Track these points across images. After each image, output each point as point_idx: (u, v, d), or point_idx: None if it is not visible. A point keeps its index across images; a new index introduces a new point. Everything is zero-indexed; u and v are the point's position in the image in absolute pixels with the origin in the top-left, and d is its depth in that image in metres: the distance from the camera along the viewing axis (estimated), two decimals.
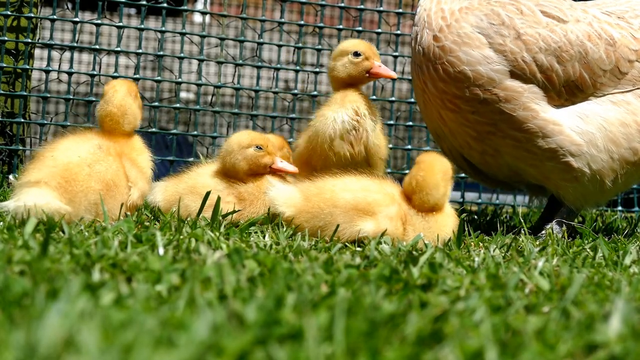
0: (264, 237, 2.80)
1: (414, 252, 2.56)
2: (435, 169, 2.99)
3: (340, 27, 4.77)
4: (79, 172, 2.86)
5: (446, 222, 2.99)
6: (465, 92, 3.23)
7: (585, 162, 3.25)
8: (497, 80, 3.21)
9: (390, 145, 3.61)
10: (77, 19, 4.35)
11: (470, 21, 3.27)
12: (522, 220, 3.59)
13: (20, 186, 2.81)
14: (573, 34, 3.28)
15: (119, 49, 4.43)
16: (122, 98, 3.06)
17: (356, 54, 3.32)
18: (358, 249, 2.75)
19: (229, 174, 3.23)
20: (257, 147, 3.19)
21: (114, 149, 3.00)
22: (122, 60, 6.35)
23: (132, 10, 9.55)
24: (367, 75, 3.33)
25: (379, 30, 4.84)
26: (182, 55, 4.53)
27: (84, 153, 2.92)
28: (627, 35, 3.37)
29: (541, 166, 3.29)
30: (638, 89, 3.35)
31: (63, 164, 2.86)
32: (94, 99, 4.40)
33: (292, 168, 3.24)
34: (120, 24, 4.40)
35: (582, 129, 3.25)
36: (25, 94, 4.25)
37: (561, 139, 3.22)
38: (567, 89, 3.26)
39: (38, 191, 2.76)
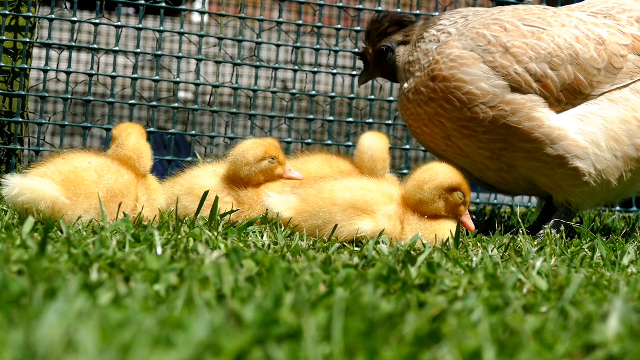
0: (262, 237, 2.80)
1: (412, 252, 2.56)
2: (416, 177, 3.01)
3: (339, 27, 4.77)
4: (86, 177, 2.88)
5: (444, 222, 2.99)
6: (478, 113, 3.25)
7: (591, 164, 3.26)
8: (500, 95, 3.23)
9: (389, 145, 3.61)
10: (75, 19, 4.35)
11: (456, 46, 3.31)
12: (520, 220, 3.59)
13: (26, 174, 2.87)
14: (561, 39, 3.30)
15: (117, 48, 4.43)
16: (136, 141, 3.07)
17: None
18: (356, 248, 2.75)
19: (238, 182, 3.25)
20: (271, 158, 3.23)
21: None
22: (121, 59, 6.35)
23: (131, 10, 9.55)
24: None
25: None
26: (180, 55, 4.53)
27: (96, 162, 2.95)
28: (615, 32, 3.39)
29: (553, 175, 3.31)
30: (636, 81, 3.36)
31: (72, 165, 2.91)
32: (92, 99, 4.40)
33: (300, 175, 3.28)
34: (119, 23, 4.40)
35: (585, 131, 3.27)
36: (23, 93, 4.25)
37: (567, 144, 3.24)
38: (566, 93, 3.27)
39: (42, 179, 2.82)
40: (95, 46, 4.38)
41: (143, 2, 4.44)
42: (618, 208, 4.94)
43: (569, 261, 2.61)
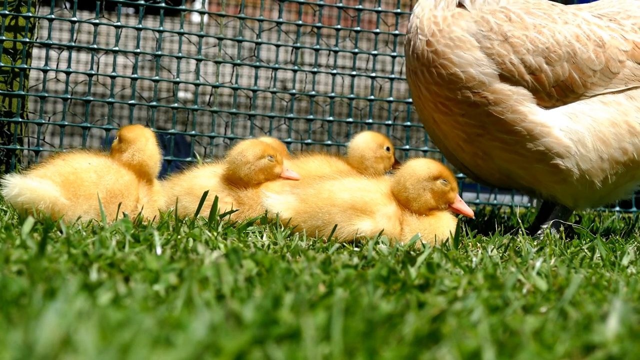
0: (261, 237, 2.80)
1: (412, 252, 2.56)
2: (397, 178, 3.03)
3: (339, 27, 4.77)
4: (85, 178, 2.89)
5: (443, 222, 2.99)
6: (457, 95, 3.27)
7: (574, 163, 3.26)
8: (487, 83, 3.24)
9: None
10: (75, 19, 4.35)
11: (461, 25, 3.31)
12: (520, 221, 3.59)
13: (26, 174, 2.87)
14: (561, 35, 3.31)
15: (117, 48, 4.43)
16: (153, 147, 3.09)
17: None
18: (356, 249, 2.75)
19: (238, 182, 3.25)
20: (269, 157, 3.23)
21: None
22: (120, 59, 6.34)
23: (130, 10, 9.54)
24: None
25: (377, 31, 4.84)
26: (180, 55, 4.53)
27: (95, 162, 2.95)
28: (617, 36, 3.39)
29: (530, 168, 3.31)
30: (630, 89, 3.36)
31: (72, 167, 2.91)
32: (91, 99, 4.40)
33: (297, 176, 3.29)
34: (118, 23, 4.40)
35: (571, 129, 3.27)
36: (23, 93, 4.25)
37: (549, 141, 3.24)
38: (558, 90, 3.27)
39: (42, 180, 2.82)
40: (95, 46, 4.38)
41: (143, 2, 4.44)
42: (617, 208, 4.94)
43: (569, 261, 2.61)
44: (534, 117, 3.25)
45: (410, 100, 4.91)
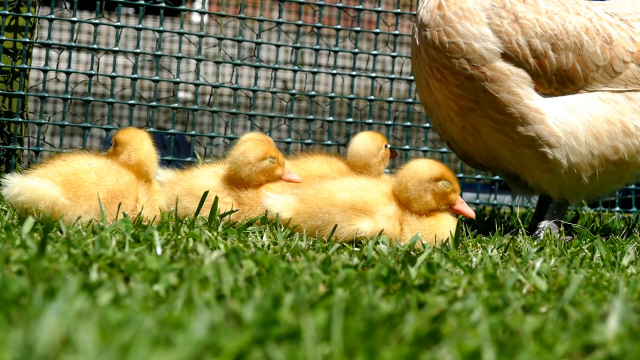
0: (261, 237, 2.80)
1: (412, 252, 2.56)
2: (398, 178, 3.03)
3: (339, 27, 4.77)
4: (86, 178, 2.89)
5: (443, 222, 2.99)
6: (455, 65, 3.26)
7: (564, 154, 3.27)
8: (487, 59, 3.23)
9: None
10: (75, 19, 4.35)
11: None
12: (520, 221, 3.59)
13: (27, 174, 2.87)
14: (571, 25, 3.31)
15: (117, 48, 4.43)
16: (149, 147, 3.10)
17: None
18: (356, 249, 2.75)
19: (239, 183, 3.25)
20: (271, 158, 3.23)
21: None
22: (120, 59, 6.34)
23: (130, 10, 9.54)
24: None
25: (377, 31, 4.84)
26: (180, 55, 4.53)
27: (96, 163, 2.95)
28: (625, 36, 3.39)
29: (518, 152, 3.31)
30: (629, 90, 3.36)
31: (73, 167, 2.92)
32: (91, 99, 4.40)
33: (298, 178, 3.28)
34: (118, 23, 4.40)
35: (566, 120, 3.27)
36: (23, 93, 4.25)
37: (541, 128, 3.25)
38: (558, 78, 3.28)
39: (42, 179, 2.83)
40: (95, 46, 4.38)
41: (143, 2, 4.44)
42: (617, 208, 4.94)
43: (569, 261, 2.61)
44: (529, 101, 3.26)
45: (411, 100, 4.92)
